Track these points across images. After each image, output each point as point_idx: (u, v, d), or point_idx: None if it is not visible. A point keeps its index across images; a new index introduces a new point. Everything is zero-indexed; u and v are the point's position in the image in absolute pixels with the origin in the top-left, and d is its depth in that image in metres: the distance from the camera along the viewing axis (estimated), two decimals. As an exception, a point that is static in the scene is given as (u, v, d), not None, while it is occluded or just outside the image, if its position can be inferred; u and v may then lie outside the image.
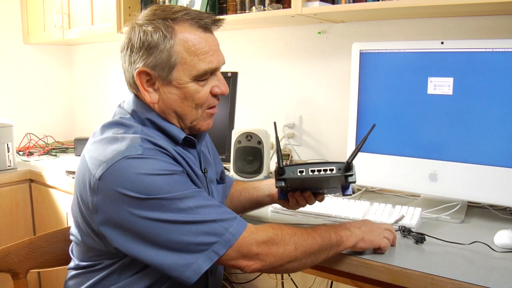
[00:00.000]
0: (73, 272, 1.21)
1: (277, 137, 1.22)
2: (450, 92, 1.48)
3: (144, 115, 1.15)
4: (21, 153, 2.77)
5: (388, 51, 1.60)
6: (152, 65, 1.09)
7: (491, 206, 1.57)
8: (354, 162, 1.17)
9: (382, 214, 1.44)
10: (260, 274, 2.34)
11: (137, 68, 1.10)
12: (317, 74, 2.14)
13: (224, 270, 2.43)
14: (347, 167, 1.16)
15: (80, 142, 2.70)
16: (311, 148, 2.18)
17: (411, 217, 1.40)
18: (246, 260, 1.05)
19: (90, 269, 1.16)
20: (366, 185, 1.77)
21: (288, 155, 1.97)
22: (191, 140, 1.19)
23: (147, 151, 1.04)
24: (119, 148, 1.04)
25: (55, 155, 2.73)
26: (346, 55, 1.74)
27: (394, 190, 1.75)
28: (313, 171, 1.16)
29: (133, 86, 1.16)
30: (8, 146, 2.36)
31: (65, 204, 2.20)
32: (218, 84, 1.16)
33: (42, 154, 2.76)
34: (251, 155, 1.87)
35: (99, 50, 3.17)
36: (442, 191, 1.53)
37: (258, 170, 1.87)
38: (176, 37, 1.08)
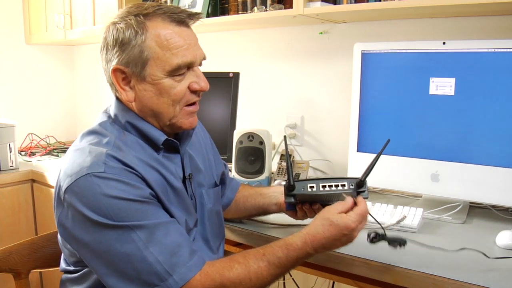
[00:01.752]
0: (64, 276, 1.22)
1: (287, 152, 1.17)
2: (452, 93, 1.48)
3: (124, 118, 1.12)
4: (23, 153, 2.77)
5: (390, 51, 1.60)
6: (125, 62, 1.07)
7: (493, 206, 1.57)
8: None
9: (384, 214, 1.44)
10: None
11: (112, 65, 1.09)
12: (319, 75, 2.13)
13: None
14: (360, 183, 1.14)
15: (82, 142, 2.70)
16: (313, 148, 2.18)
17: (413, 217, 1.40)
18: None
19: (75, 275, 1.15)
20: (368, 185, 1.76)
21: (290, 155, 1.97)
22: (173, 143, 1.16)
23: (110, 170, 1.00)
24: (84, 163, 1.01)
25: (57, 155, 2.73)
26: (348, 55, 1.74)
27: (396, 191, 1.75)
28: (324, 186, 1.13)
29: (113, 87, 1.15)
30: (10, 146, 2.37)
31: (67, 204, 2.20)
32: (196, 80, 1.11)
33: (44, 154, 2.76)
34: (252, 156, 1.87)
35: (101, 50, 3.17)
36: (444, 192, 1.53)
37: (260, 171, 1.87)
38: (147, 32, 1.06)
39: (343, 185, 1.13)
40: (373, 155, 1.12)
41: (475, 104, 1.45)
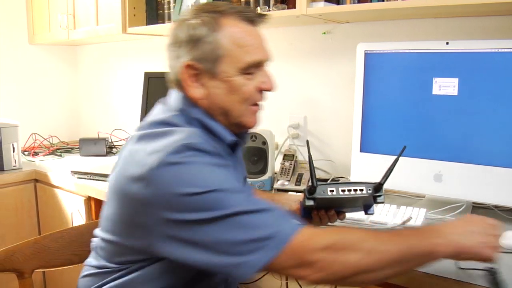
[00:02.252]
0: (92, 271, 1.18)
1: (310, 156, 1.17)
2: (455, 93, 1.48)
3: (192, 113, 1.11)
4: (26, 153, 2.78)
5: (393, 51, 1.60)
6: (199, 58, 1.08)
7: (496, 207, 1.56)
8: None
9: (387, 215, 1.44)
10: (265, 274, 2.34)
11: (183, 61, 1.09)
12: (322, 75, 2.13)
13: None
14: (378, 187, 1.15)
15: (85, 142, 2.71)
16: (316, 148, 2.17)
17: (416, 218, 1.40)
18: (303, 268, 0.91)
19: (116, 275, 1.12)
20: (369, 182, 1.76)
21: (293, 155, 1.97)
22: (238, 144, 1.16)
23: (205, 144, 1.01)
24: (177, 137, 1.00)
25: (60, 155, 2.74)
26: (351, 55, 1.73)
27: (399, 191, 1.74)
28: (343, 190, 1.14)
29: (177, 83, 1.13)
30: (14, 146, 2.37)
31: (70, 204, 2.21)
32: (265, 80, 1.13)
33: (47, 154, 2.76)
34: (255, 156, 1.87)
35: (104, 50, 3.18)
36: (447, 192, 1.52)
37: (263, 171, 1.87)
38: (222, 30, 1.07)
39: (361, 190, 1.14)
40: (377, 155, 1.12)
41: (479, 104, 1.45)
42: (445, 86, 1.50)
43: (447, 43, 1.49)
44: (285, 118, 2.24)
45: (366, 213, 1.23)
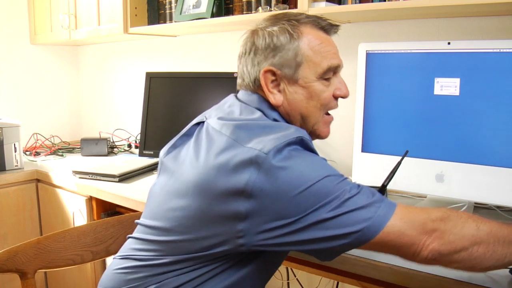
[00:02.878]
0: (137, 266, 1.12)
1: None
2: (457, 93, 1.48)
3: (271, 116, 1.12)
4: (28, 153, 2.78)
5: (394, 51, 1.60)
6: (279, 64, 1.10)
7: (498, 207, 1.56)
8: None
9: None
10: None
11: (263, 67, 1.11)
12: (323, 75, 2.13)
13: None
14: (381, 190, 1.15)
15: (86, 142, 2.72)
16: (317, 148, 2.14)
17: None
18: (424, 235, 0.92)
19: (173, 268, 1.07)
20: (372, 186, 1.76)
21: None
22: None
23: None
24: (290, 130, 1.02)
25: (62, 155, 2.74)
26: (353, 55, 1.74)
27: (401, 191, 1.74)
28: None
29: (255, 87, 1.14)
30: (15, 146, 2.38)
31: (71, 204, 2.21)
32: (340, 87, 1.15)
33: (49, 154, 2.77)
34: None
35: (106, 50, 3.18)
36: (448, 192, 1.52)
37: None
38: (301, 37, 1.10)
39: None
40: (379, 155, 1.12)
41: (480, 104, 1.45)
42: (447, 86, 1.50)
43: (449, 43, 1.49)
44: (286, 118, 2.24)
45: None
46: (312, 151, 1.04)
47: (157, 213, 1.12)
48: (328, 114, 1.17)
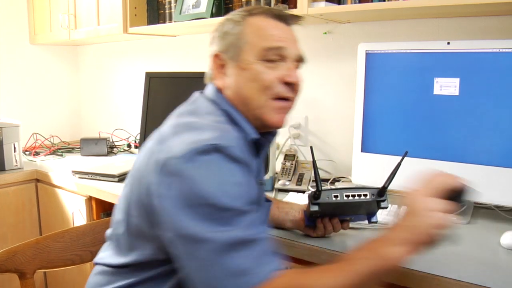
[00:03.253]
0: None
1: (314, 161, 1.17)
2: (457, 93, 1.48)
3: (221, 105, 1.12)
4: (27, 153, 2.78)
5: (394, 51, 1.60)
6: (224, 49, 1.13)
7: (498, 207, 1.56)
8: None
9: (388, 214, 1.44)
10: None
11: (212, 53, 1.16)
12: (323, 75, 2.13)
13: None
14: (381, 192, 1.14)
15: (86, 142, 2.72)
16: (317, 148, 2.17)
17: (417, 218, 1.40)
18: None
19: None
20: (372, 186, 1.76)
21: (294, 155, 1.97)
22: (263, 143, 1.13)
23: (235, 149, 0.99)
24: (209, 135, 0.98)
25: (61, 155, 2.74)
26: (352, 55, 1.74)
27: (400, 191, 1.74)
28: (347, 196, 1.15)
29: (211, 77, 1.18)
30: (15, 146, 2.38)
31: (71, 204, 2.21)
32: (288, 73, 1.10)
33: (48, 154, 2.77)
34: (256, 156, 1.87)
35: (106, 50, 3.18)
36: (448, 192, 1.52)
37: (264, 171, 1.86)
38: (247, 23, 1.12)
39: (365, 195, 1.15)
40: (378, 155, 1.12)
41: (480, 104, 1.45)
42: (446, 86, 1.49)
43: (448, 43, 1.49)
44: (286, 118, 2.24)
45: (369, 221, 1.24)
46: (235, 159, 0.96)
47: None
48: (280, 100, 1.11)
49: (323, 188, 1.15)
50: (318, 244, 1.27)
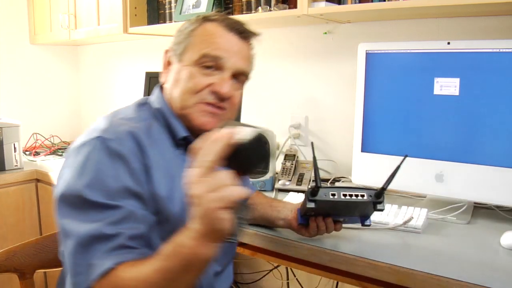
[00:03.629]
0: None
1: (314, 158, 1.16)
2: (457, 93, 1.48)
3: (156, 104, 1.18)
4: (27, 153, 2.78)
5: (394, 51, 1.60)
6: (173, 46, 1.18)
7: (498, 207, 1.56)
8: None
9: (388, 215, 1.44)
10: (266, 274, 2.34)
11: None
12: (323, 75, 2.13)
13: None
14: (379, 193, 1.13)
15: (86, 142, 2.71)
16: (317, 148, 2.17)
17: (417, 218, 1.40)
18: None
19: None
20: (372, 185, 1.76)
21: (294, 155, 1.96)
22: (189, 141, 1.13)
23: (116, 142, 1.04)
24: (99, 126, 1.08)
25: (61, 155, 2.74)
26: (352, 55, 1.73)
27: (400, 191, 1.74)
28: (345, 195, 1.13)
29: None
30: (15, 146, 2.38)
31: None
32: (219, 82, 1.11)
33: (49, 154, 2.77)
34: (256, 156, 1.87)
35: (106, 50, 3.18)
36: (448, 192, 1.52)
37: (264, 171, 1.87)
38: (199, 27, 1.15)
39: (362, 195, 1.13)
40: (378, 155, 1.12)
41: (480, 104, 1.45)
42: (447, 86, 1.49)
43: (449, 43, 1.49)
44: (286, 118, 2.24)
45: (363, 224, 1.22)
46: (114, 153, 0.98)
47: None
48: (210, 105, 1.12)
49: (321, 185, 1.14)
50: (318, 244, 1.27)
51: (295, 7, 1.78)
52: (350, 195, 1.13)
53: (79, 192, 0.94)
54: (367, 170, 1.67)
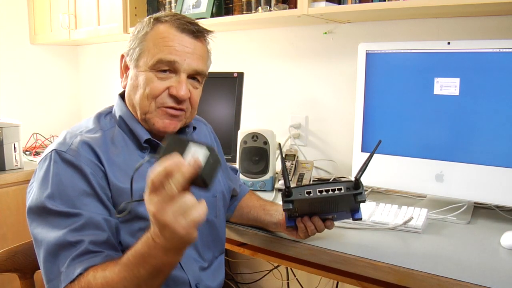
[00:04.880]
0: None
1: (282, 158, 1.17)
2: (457, 93, 1.48)
3: (118, 112, 1.20)
4: (27, 153, 2.78)
5: (394, 51, 1.60)
6: (127, 51, 1.19)
7: (498, 207, 1.56)
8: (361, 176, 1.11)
9: (388, 215, 1.44)
10: (266, 274, 2.34)
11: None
12: (323, 75, 2.13)
13: (229, 270, 2.44)
14: (356, 184, 1.10)
15: (86, 142, 2.71)
16: (317, 148, 2.17)
17: (417, 218, 1.40)
18: None
19: None
20: (372, 185, 1.76)
21: (294, 155, 1.96)
22: (156, 144, 1.17)
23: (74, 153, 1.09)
24: (60, 139, 1.16)
25: (62, 155, 2.73)
26: (352, 55, 1.74)
27: (400, 191, 1.74)
28: (320, 191, 1.11)
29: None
30: (15, 146, 2.37)
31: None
32: (176, 85, 1.13)
33: (49, 154, 2.76)
34: (257, 156, 1.87)
35: (106, 50, 3.18)
36: (448, 192, 1.52)
37: (264, 171, 1.87)
38: (152, 30, 1.15)
39: (339, 189, 1.10)
40: (379, 155, 1.12)
41: (480, 104, 1.45)
42: (447, 86, 1.50)
43: (449, 43, 1.49)
44: (286, 118, 2.24)
45: (354, 219, 1.19)
46: (70, 164, 1.05)
47: None
48: (170, 108, 1.14)
49: (295, 186, 1.12)
50: (318, 244, 1.27)
51: (295, 7, 1.78)
52: (327, 191, 1.10)
53: (42, 204, 1.01)
54: (367, 170, 1.67)
